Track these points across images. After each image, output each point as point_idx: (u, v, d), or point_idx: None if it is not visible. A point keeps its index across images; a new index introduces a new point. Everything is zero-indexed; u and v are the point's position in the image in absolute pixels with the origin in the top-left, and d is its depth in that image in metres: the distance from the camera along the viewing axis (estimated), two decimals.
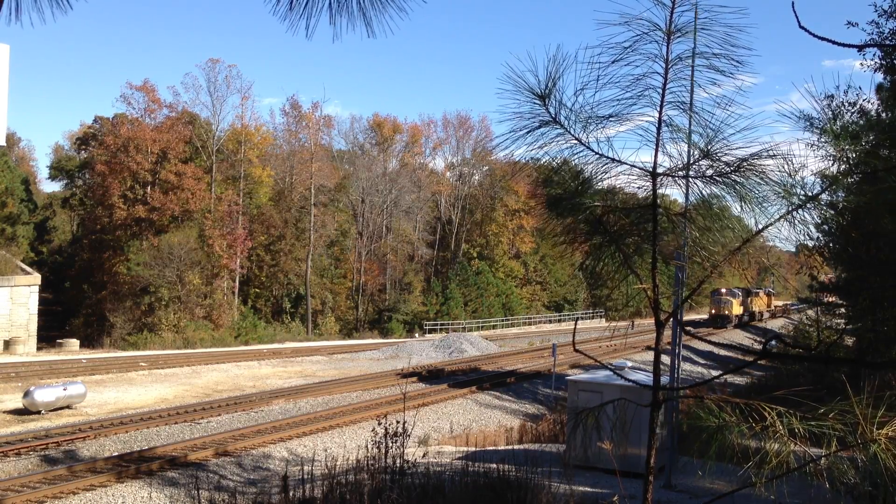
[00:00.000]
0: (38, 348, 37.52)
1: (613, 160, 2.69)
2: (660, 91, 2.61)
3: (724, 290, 55.74)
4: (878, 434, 2.27)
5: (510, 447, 15.14)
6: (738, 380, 28.29)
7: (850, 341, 21.91)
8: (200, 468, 14.15)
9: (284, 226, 57.28)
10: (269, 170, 60.01)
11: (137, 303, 48.23)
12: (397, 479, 8.70)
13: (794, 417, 2.42)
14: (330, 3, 2.23)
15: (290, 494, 9.12)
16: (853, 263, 18.68)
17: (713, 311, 55.29)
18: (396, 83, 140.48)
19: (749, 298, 60.41)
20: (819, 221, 2.59)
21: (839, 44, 2.39)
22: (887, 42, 16.97)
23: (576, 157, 2.73)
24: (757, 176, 2.54)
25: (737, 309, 55.84)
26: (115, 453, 14.87)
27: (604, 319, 67.27)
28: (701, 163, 2.63)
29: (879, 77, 18.01)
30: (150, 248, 48.97)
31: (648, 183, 2.68)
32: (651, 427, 2.67)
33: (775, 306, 74.30)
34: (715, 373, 27.51)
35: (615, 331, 47.58)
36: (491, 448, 16.59)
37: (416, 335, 52.93)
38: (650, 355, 33.46)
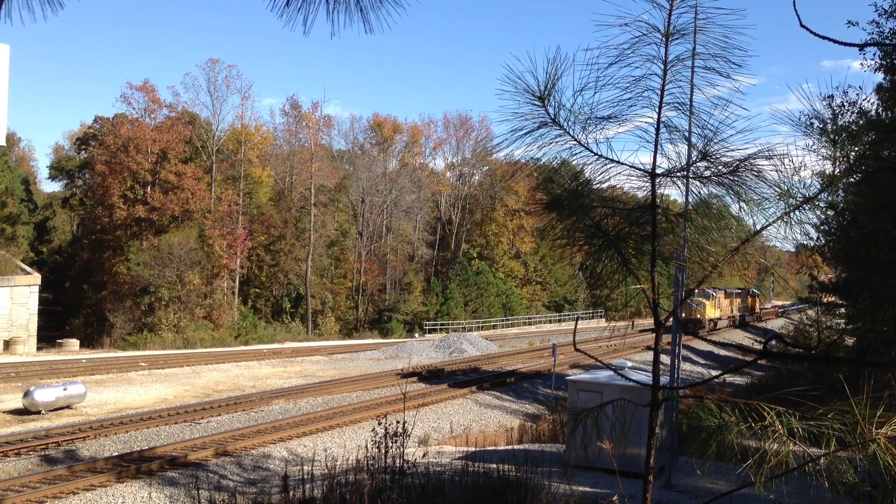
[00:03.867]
0: (38, 348, 37.53)
1: (612, 161, 2.70)
2: (658, 92, 2.62)
3: (695, 291, 49.44)
4: (877, 434, 2.28)
5: (510, 447, 15.15)
6: (738, 380, 28.32)
7: (850, 341, 21.90)
8: (200, 468, 14.15)
9: (284, 226, 57.28)
10: (269, 170, 60.01)
11: (137, 303, 48.22)
12: (397, 479, 8.71)
13: (794, 417, 2.43)
14: None
15: (291, 494, 9.13)
16: (853, 263, 18.68)
17: (683, 315, 50.43)
18: (396, 83, 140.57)
19: (729, 300, 54.40)
20: (818, 222, 2.60)
21: (840, 42, 2.39)
22: (887, 42, 16.97)
23: (575, 157, 2.74)
24: (755, 176, 2.55)
25: (711, 312, 48.90)
26: (115, 453, 14.87)
27: (604, 319, 67.20)
28: (699, 164, 2.63)
29: (879, 77, 18.03)
30: (150, 248, 48.96)
31: (647, 183, 2.69)
32: (651, 427, 2.67)
33: (762, 309, 67.91)
34: (715, 373, 27.52)
35: (615, 331, 47.57)
36: (491, 448, 16.59)
37: (416, 335, 52.93)
38: (650, 355, 33.46)
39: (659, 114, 2.63)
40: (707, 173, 2.62)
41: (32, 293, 37.97)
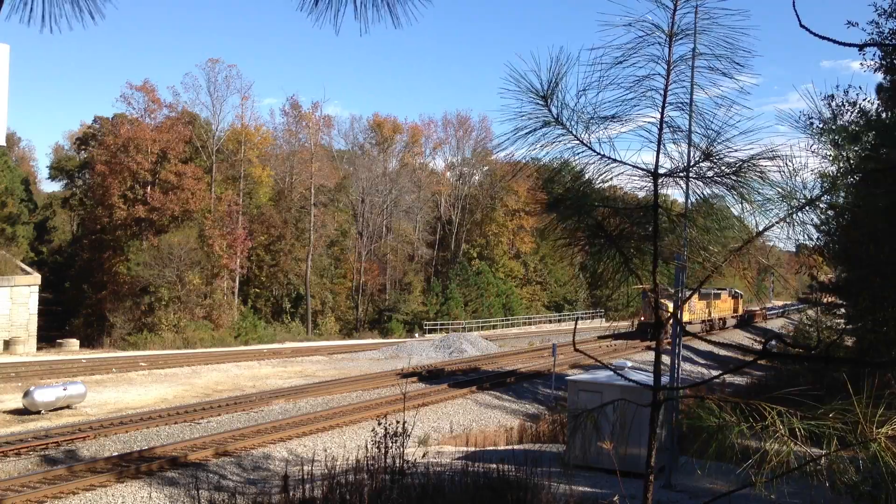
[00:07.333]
0: (38, 348, 37.50)
1: (615, 161, 2.70)
2: (661, 92, 2.62)
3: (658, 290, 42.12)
4: (878, 433, 2.27)
5: (510, 447, 15.14)
6: (739, 380, 28.30)
7: (849, 341, 21.90)
8: (200, 468, 14.15)
9: (284, 226, 57.28)
10: (269, 170, 60.01)
11: (137, 303, 48.23)
12: (397, 479, 8.71)
13: (795, 417, 2.42)
14: None
15: (291, 494, 9.13)
16: (853, 263, 18.68)
17: (642, 318, 42.36)
18: (397, 83, 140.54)
19: (706, 301, 48.20)
20: (819, 222, 2.59)
21: (840, 43, 2.39)
22: (887, 42, 16.97)
23: (577, 157, 2.74)
24: (758, 177, 2.55)
25: None
26: (115, 453, 14.87)
27: (604, 320, 67.06)
28: (702, 164, 2.63)
29: (879, 77, 18.03)
30: (150, 248, 48.97)
31: (650, 183, 2.69)
32: (651, 427, 2.67)
33: (747, 311, 61.67)
34: (715, 373, 27.51)
35: (615, 331, 47.53)
36: (491, 448, 16.60)
37: (416, 335, 52.91)
38: (650, 355, 33.44)
39: (662, 114, 2.63)
40: (710, 174, 2.62)
41: (32, 293, 37.95)
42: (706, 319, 48.43)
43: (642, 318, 42.48)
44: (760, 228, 2.60)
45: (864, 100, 16.44)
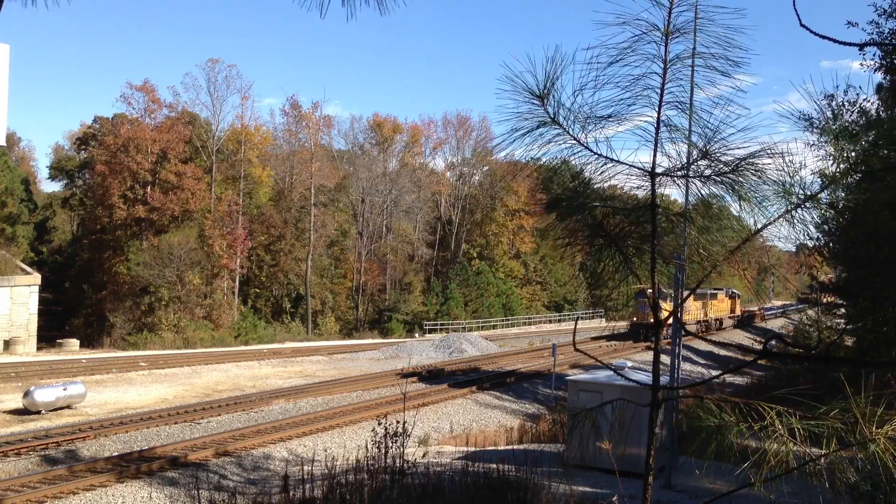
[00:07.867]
0: (38, 348, 37.50)
1: (612, 160, 2.69)
2: (658, 91, 2.61)
3: (650, 291, 40.09)
4: (877, 433, 2.27)
5: (510, 447, 15.14)
6: (739, 380, 28.30)
7: (850, 341, 21.88)
8: (200, 468, 14.15)
9: (284, 226, 57.27)
10: (269, 170, 60.00)
11: (137, 303, 48.23)
12: (397, 479, 8.70)
13: (794, 417, 2.41)
14: None
15: (291, 494, 9.13)
16: (853, 263, 18.67)
17: (635, 319, 41.95)
18: (397, 83, 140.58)
19: (701, 302, 46.97)
20: (819, 221, 2.59)
21: (840, 42, 2.39)
22: (887, 42, 16.97)
23: (575, 157, 2.73)
24: (756, 175, 2.54)
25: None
26: (116, 453, 14.87)
27: (603, 319, 67.00)
28: (700, 163, 2.62)
29: (879, 77, 18.03)
30: (150, 248, 48.98)
31: (647, 183, 2.68)
32: (651, 427, 2.67)
33: (745, 312, 60.50)
34: (715, 373, 27.48)
35: (615, 331, 47.53)
36: (491, 448, 16.59)
37: (416, 335, 52.90)
38: (650, 355, 33.41)
39: (659, 113, 2.63)
40: (707, 172, 2.62)
41: (32, 293, 37.95)
42: (701, 320, 47.05)
43: (635, 319, 41.95)
44: (759, 227, 2.59)
45: (864, 100, 16.43)
